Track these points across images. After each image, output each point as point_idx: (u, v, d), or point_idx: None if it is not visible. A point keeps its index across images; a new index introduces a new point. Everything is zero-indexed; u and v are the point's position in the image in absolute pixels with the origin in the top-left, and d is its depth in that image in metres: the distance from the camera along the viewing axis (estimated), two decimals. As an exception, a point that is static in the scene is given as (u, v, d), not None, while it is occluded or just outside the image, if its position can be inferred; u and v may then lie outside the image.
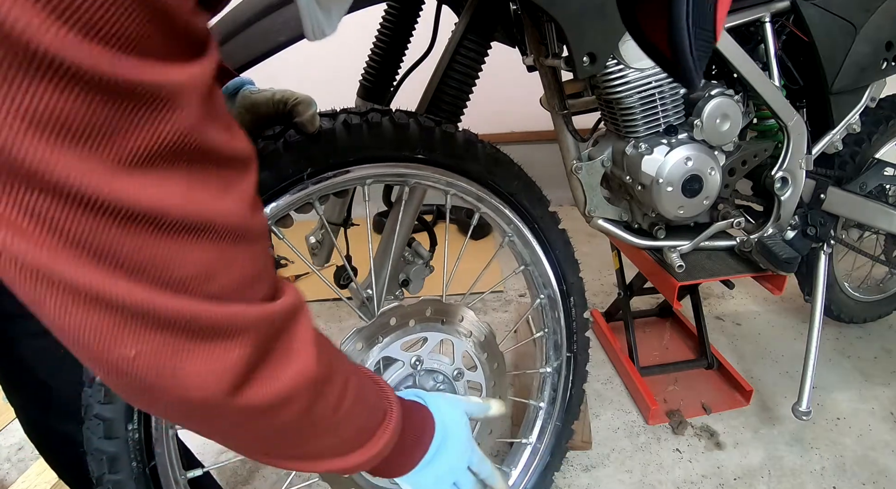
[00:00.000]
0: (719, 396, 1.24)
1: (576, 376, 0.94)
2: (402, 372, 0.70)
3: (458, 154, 0.78)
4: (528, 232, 0.86)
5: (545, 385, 0.94)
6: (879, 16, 0.98)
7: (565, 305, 0.89)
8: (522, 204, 0.85)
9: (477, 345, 0.75)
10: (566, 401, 0.94)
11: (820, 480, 1.03)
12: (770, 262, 1.01)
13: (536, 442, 0.94)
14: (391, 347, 0.70)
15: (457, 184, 0.80)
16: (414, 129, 0.74)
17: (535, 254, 0.87)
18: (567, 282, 0.88)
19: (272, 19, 0.75)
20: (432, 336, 0.71)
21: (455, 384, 0.73)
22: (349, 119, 0.70)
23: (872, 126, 1.19)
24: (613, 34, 0.85)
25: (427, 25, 1.06)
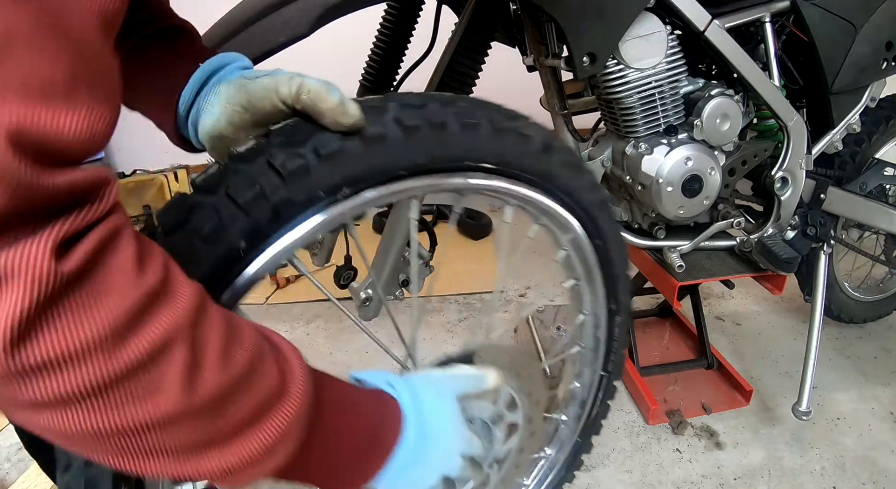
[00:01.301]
0: (719, 396, 1.24)
1: (605, 394, 0.89)
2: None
3: (537, 166, 0.64)
4: (590, 248, 0.74)
5: (573, 401, 0.89)
6: (879, 16, 0.98)
7: (610, 325, 0.82)
8: (591, 216, 0.72)
9: (522, 386, 0.67)
10: (591, 418, 0.90)
11: (820, 480, 1.03)
12: (770, 262, 1.01)
13: (554, 455, 0.90)
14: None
15: (528, 197, 0.66)
16: (486, 130, 0.59)
17: (591, 271, 0.77)
18: (618, 302, 0.81)
19: (272, 19, 0.75)
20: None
21: (494, 428, 0.65)
22: (402, 118, 0.53)
23: (872, 126, 1.19)
24: (613, 34, 0.85)
25: (427, 25, 1.06)
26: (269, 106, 0.50)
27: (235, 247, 0.46)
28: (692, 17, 0.87)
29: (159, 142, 0.80)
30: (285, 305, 1.80)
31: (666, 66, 0.90)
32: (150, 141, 0.77)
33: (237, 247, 0.46)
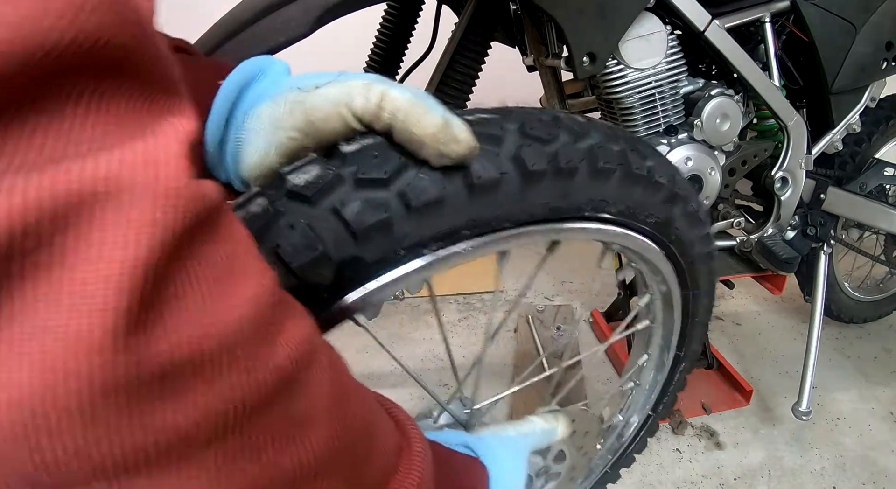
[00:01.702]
0: (719, 396, 1.24)
1: (647, 432, 0.86)
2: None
3: (659, 215, 0.55)
4: (679, 297, 0.67)
5: (611, 433, 0.86)
6: (879, 16, 0.98)
7: (672, 370, 0.78)
8: (693, 268, 0.64)
9: (573, 443, 0.63)
10: (625, 453, 0.87)
11: (820, 480, 1.03)
12: (770, 262, 1.01)
13: (582, 485, 0.86)
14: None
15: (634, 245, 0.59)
16: (617, 177, 0.48)
17: (670, 319, 0.70)
18: (687, 349, 0.75)
19: (272, 19, 0.75)
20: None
21: (536, 481, 0.63)
22: (525, 158, 0.41)
23: (872, 126, 1.19)
24: (613, 34, 0.85)
25: (427, 25, 1.06)
26: (340, 126, 0.36)
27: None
28: (692, 17, 0.87)
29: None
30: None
31: (666, 66, 0.90)
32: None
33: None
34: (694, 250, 0.62)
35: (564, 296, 1.75)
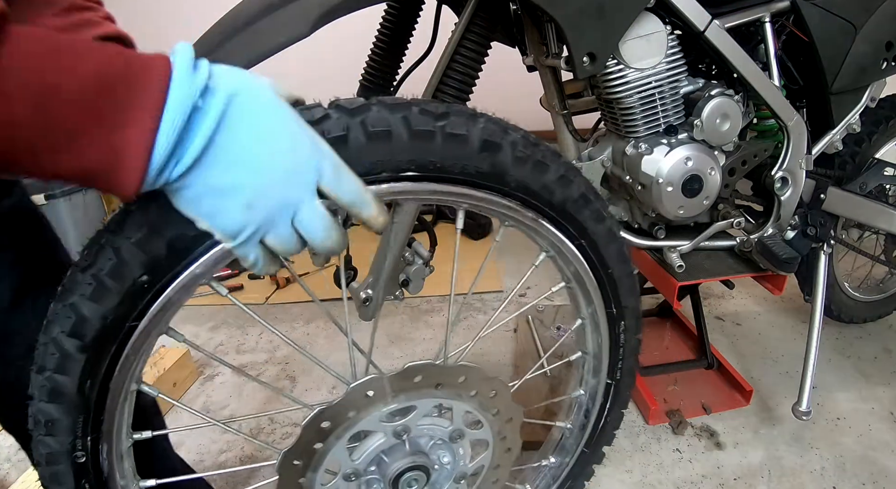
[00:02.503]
0: (719, 396, 1.24)
1: (615, 403, 0.84)
2: (383, 443, 0.62)
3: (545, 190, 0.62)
4: (575, 248, 0.69)
5: (577, 409, 0.85)
6: (879, 16, 0.98)
7: (612, 330, 0.76)
8: (567, 213, 0.67)
9: (483, 402, 0.66)
10: (598, 428, 0.85)
11: (820, 480, 1.03)
12: (770, 262, 1.01)
13: (558, 464, 0.86)
14: (368, 421, 0.61)
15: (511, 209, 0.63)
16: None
17: (579, 272, 0.72)
18: (619, 306, 0.75)
19: (272, 19, 0.75)
20: (422, 403, 0.62)
21: (452, 445, 0.66)
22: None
23: (872, 126, 1.19)
24: (613, 34, 0.85)
25: (427, 25, 1.06)
26: None
27: (139, 280, 0.48)
28: (692, 17, 0.87)
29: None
30: (285, 305, 1.80)
31: (666, 66, 0.90)
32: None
33: (141, 281, 0.48)
34: (555, 198, 0.64)
35: (564, 297, 1.75)
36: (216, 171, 0.38)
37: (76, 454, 0.53)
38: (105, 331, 0.49)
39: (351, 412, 0.59)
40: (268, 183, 0.39)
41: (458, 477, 0.68)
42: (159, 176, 0.36)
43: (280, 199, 0.40)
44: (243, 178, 0.38)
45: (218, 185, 0.38)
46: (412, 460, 0.63)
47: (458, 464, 0.67)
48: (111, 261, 0.47)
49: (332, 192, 0.42)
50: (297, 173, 0.40)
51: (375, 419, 0.61)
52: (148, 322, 0.50)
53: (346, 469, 0.61)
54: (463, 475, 0.68)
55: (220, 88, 0.37)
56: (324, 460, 0.60)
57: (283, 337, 0.64)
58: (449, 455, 0.66)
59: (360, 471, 0.62)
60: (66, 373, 0.50)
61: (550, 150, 0.63)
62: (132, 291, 0.48)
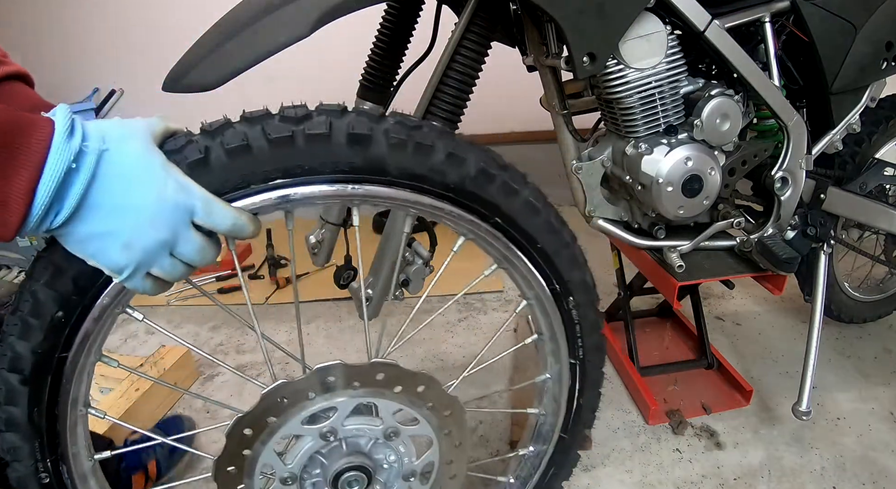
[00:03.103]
0: (719, 396, 1.24)
1: (584, 384, 0.80)
2: (313, 445, 0.62)
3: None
4: (490, 227, 0.66)
5: (546, 394, 0.83)
6: (879, 16, 0.98)
7: (560, 307, 0.73)
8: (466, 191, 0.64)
9: (412, 398, 0.64)
10: (572, 411, 0.82)
11: (820, 480, 1.03)
12: (770, 262, 1.01)
13: (536, 451, 0.84)
14: (289, 426, 0.61)
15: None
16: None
17: (504, 251, 0.69)
18: (561, 280, 0.71)
19: (272, 19, 0.75)
20: (342, 404, 0.61)
21: (392, 443, 0.65)
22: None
23: (872, 126, 1.19)
24: (613, 34, 0.85)
25: (427, 25, 1.06)
26: None
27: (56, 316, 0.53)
28: (692, 17, 0.87)
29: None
30: (285, 305, 1.80)
31: (666, 66, 0.90)
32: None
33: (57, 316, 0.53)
34: (449, 178, 0.61)
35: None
36: (92, 220, 0.44)
37: (40, 476, 0.59)
38: (38, 364, 0.54)
39: (270, 418, 0.60)
40: (138, 227, 0.46)
41: (406, 475, 0.67)
42: (41, 224, 0.43)
43: (153, 238, 0.46)
44: (116, 224, 0.45)
45: (96, 231, 0.45)
46: (348, 461, 0.64)
47: (404, 462, 0.67)
48: (29, 302, 0.53)
49: (207, 225, 0.49)
50: (166, 216, 0.46)
51: (297, 423, 0.61)
52: (75, 352, 0.55)
53: (281, 473, 0.62)
54: (412, 473, 0.68)
55: (91, 151, 0.43)
56: (256, 465, 0.61)
57: (235, 315, 0.66)
58: (393, 454, 0.66)
59: (297, 474, 0.63)
60: (15, 404, 0.55)
61: (436, 129, 0.61)
62: (52, 326, 0.54)
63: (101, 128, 0.46)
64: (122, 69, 2.46)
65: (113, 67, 2.46)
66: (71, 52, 2.44)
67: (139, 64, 2.40)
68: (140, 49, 2.39)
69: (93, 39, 2.41)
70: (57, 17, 2.39)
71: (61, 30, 2.41)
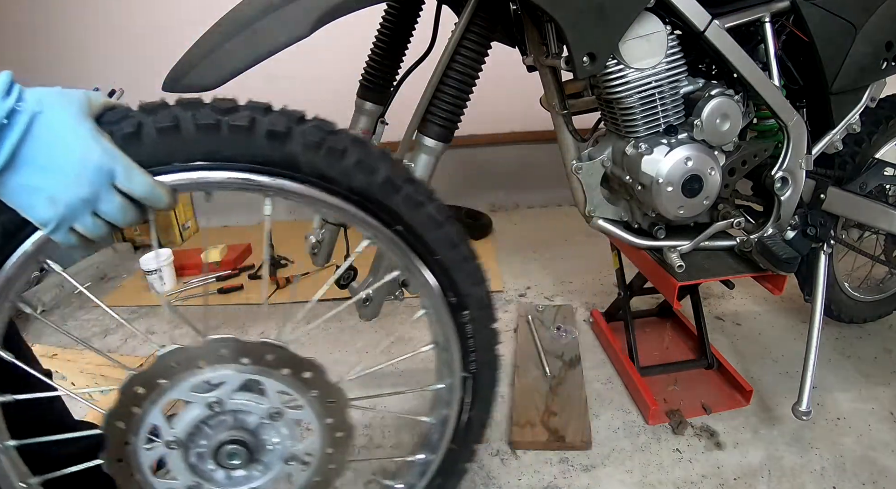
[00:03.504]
0: (719, 396, 1.24)
1: (476, 398, 0.81)
2: (199, 413, 0.64)
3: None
4: (392, 234, 0.68)
5: (439, 403, 0.82)
6: (879, 16, 0.98)
7: (456, 320, 0.74)
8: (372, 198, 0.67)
9: (297, 382, 0.66)
10: (462, 424, 0.82)
11: (820, 480, 1.03)
12: (770, 262, 1.01)
13: (425, 459, 0.84)
14: (178, 390, 0.63)
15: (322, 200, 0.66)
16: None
17: (404, 259, 0.71)
18: (458, 293, 0.73)
19: (272, 19, 0.75)
20: (231, 377, 0.64)
21: (276, 425, 0.67)
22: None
23: (872, 126, 1.19)
24: (613, 34, 0.85)
25: (427, 25, 1.06)
26: None
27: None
28: (692, 17, 0.87)
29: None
30: (285, 305, 1.80)
31: (666, 66, 0.90)
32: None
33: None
34: (355, 183, 0.64)
35: (564, 297, 1.75)
36: (23, 174, 0.50)
37: None
38: None
39: (161, 380, 0.62)
40: (63, 183, 0.51)
41: (287, 458, 0.69)
42: None
43: (76, 195, 0.52)
44: (43, 180, 0.51)
45: (25, 184, 0.51)
46: (231, 434, 0.65)
47: (286, 445, 0.68)
48: None
49: (125, 189, 0.54)
50: (88, 175, 0.52)
51: (186, 389, 0.63)
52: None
53: (167, 436, 0.64)
54: (293, 457, 0.69)
55: (26, 111, 0.49)
56: (143, 425, 0.63)
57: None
58: (276, 436, 0.68)
59: (182, 440, 0.64)
60: None
61: (351, 137, 0.65)
62: None
63: (40, 93, 0.51)
64: (122, 69, 2.46)
65: (113, 67, 2.46)
66: (71, 52, 2.44)
67: (139, 64, 2.40)
68: (140, 49, 2.39)
69: (93, 39, 2.41)
70: (57, 17, 2.39)
71: (61, 30, 2.41)
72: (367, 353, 1.51)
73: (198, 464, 0.66)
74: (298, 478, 0.70)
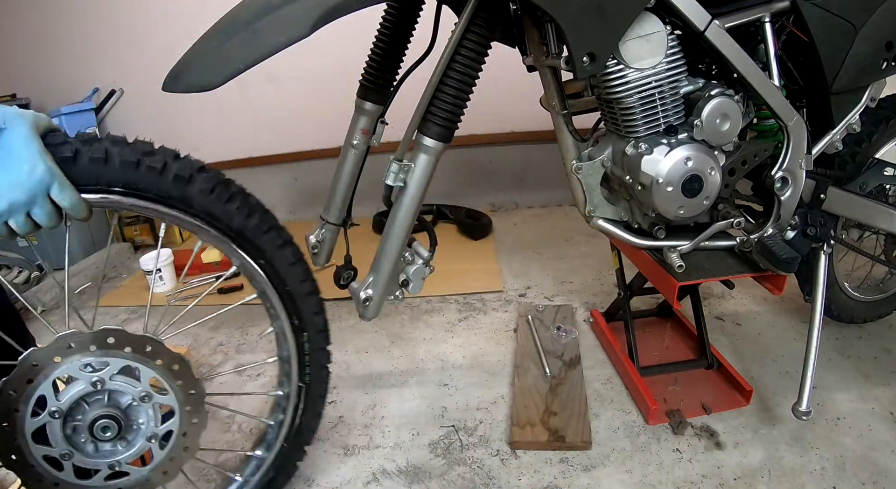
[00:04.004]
0: (719, 396, 1.24)
1: (307, 406, 0.96)
2: (83, 389, 0.74)
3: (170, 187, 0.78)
4: (256, 266, 0.85)
5: (276, 407, 0.97)
6: (879, 16, 0.98)
7: (297, 339, 0.91)
8: (245, 237, 0.83)
9: (167, 372, 0.78)
10: (294, 427, 0.97)
11: (820, 480, 1.03)
12: (770, 262, 1.01)
13: (261, 456, 0.97)
14: (69, 367, 0.73)
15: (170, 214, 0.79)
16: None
17: (263, 286, 0.87)
18: (301, 318, 0.90)
19: (272, 19, 0.75)
20: (114, 361, 0.75)
21: (143, 406, 0.78)
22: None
23: (872, 126, 1.19)
24: (613, 34, 0.85)
25: (427, 25, 1.06)
26: None
27: None
28: (692, 17, 0.87)
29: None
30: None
31: (666, 66, 0.90)
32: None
33: None
34: (234, 223, 0.81)
35: (564, 297, 1.75)
36: None
37: None
38: None
39: (56, 357, 0.72)
40: (11, 187, 0.63)
41: (149, 436, 0.80)
42: None
43: (17, 198, 0.63)
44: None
45: None
46: (106, 410, 0.76)
47: (150, 425, 0.79)
48: None
49: (56, 199, 0.67)
50: (32, 184, 0.64)
51: (76, 367, 0.73)
52: None
53: (51, 406, 0.73)
54: (154, 435, 0.80)
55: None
56: (33, 395, 0.72)
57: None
58: (143, 416, 0.79)
59: (64, 411, 0.74)
60: None
61: (240, 189, 0.83)
62: None
63: (3, 112, 0.63)
64: (122, 69, 2.46)
65: (113, 67, 2.46)
66: (71, 52, 2.44)
67: (139, 64, 2.40)
68: (140, 49, 2.39)
69: (92, 39, 2.41)
70: (57, 17, 2.39)
71: (61, 30, 2.41)
72: (366, 353, 1.51)
73: (73, 435, 0.76)
74: (156, 456, 0.82)
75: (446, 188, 2.49)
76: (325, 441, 1.19)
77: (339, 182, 1.18)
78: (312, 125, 2.39)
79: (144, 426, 0.79)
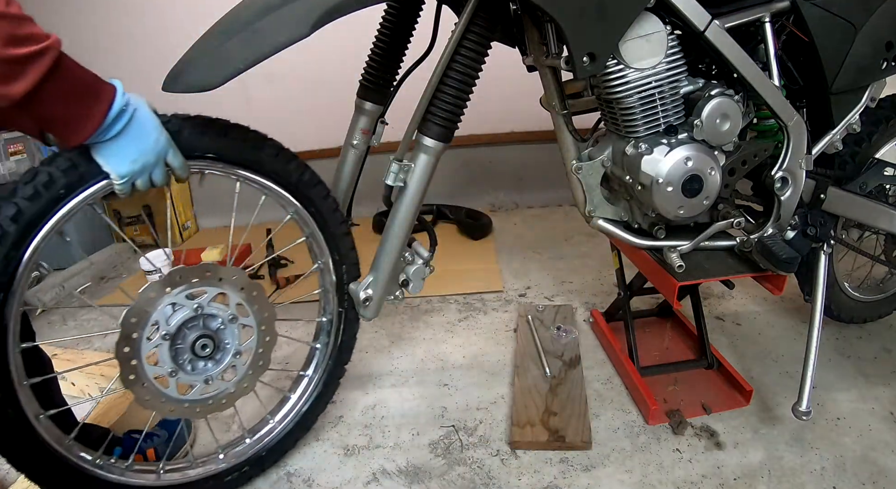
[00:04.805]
0: (719, 396, 1.24)
1: (346, 328, 1.13)
2: (188, 314, 0.89)
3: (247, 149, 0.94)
4: (307, 213, 1.01)
5: (321, 331, 1.13)
6: (879, 16, 0.98)
7: (337, 272, 1.07)
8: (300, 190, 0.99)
9: (249, 297, 0.95)
10: (338, 345, 1.14)
11: (820, 480, 1.03)
12: (770, 262, 1.01)
13: (312, 375, 1.13)
14: (177, 296, 0.88)
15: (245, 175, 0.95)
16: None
17: (313, 229, 1.03)
18: (340, 254, 1.06)
19: (272, 19, 0.75)
20: (210, 290, 0.91)
21: (230, 327, 0.94)
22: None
23: (872, 126, 1.19)
24: (613, 34, 0.85)
25: (427, 25, 1.06)
26: None
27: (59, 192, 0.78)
28: (692, 17, 0.87)
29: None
30: (285, 305, 1.80)
31: (666, 66, 0.90)
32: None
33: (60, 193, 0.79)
34: (291, 179, 0.97)
35: (564, 297, 1.75)
36: (121, 144, 0.76)
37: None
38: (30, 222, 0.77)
39: (168, 288, 0.87)
40: (143, 153, 0.78)
41: (235, 353, 0.95)
42: (103, 133, 0.74)
43: (147, 161, 0.79)
44: (133, 149, 0.77)
45: (120, 150, 0.77)
46: (204, 331, 0.92)
47: (235, 344, 0.95)
48: (45, 177, 0.76)
49: (170, 163, 0.82)
50: (158, 150, 0.80)
51: (182, 295, 0.88)
52: (55, 221, 0.78)
53: (163, 330, 0.88)
54: (238, 352, 0.95)
55: (130, 105, 0.76)
56: (150, 318, 0.86)
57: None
58: (230, 337, 0.95)
59: (172, 334, 0.88)
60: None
61: (294, 154, 0.98)
62: (53, 198, 0.77)
63: (133, 95, 0.77)
64: (122, 69, 2.45)
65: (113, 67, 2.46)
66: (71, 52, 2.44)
67: (139, 64, 2.40)
68: (140, 49, 2.39)
69: (93, 39, 2.41)
70: (56, 17, 2.39)
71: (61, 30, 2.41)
72: (366, 353, 1.51)
73: (177, 355, 0.91)
74: (239, 370, 0.97)
75: (446, 188, 2.48)
76: (325, 441, 1.19)
77: (339, 182, 1.18)
78: (312, 125, 2.39)
79: (230, 345, 0.95)
